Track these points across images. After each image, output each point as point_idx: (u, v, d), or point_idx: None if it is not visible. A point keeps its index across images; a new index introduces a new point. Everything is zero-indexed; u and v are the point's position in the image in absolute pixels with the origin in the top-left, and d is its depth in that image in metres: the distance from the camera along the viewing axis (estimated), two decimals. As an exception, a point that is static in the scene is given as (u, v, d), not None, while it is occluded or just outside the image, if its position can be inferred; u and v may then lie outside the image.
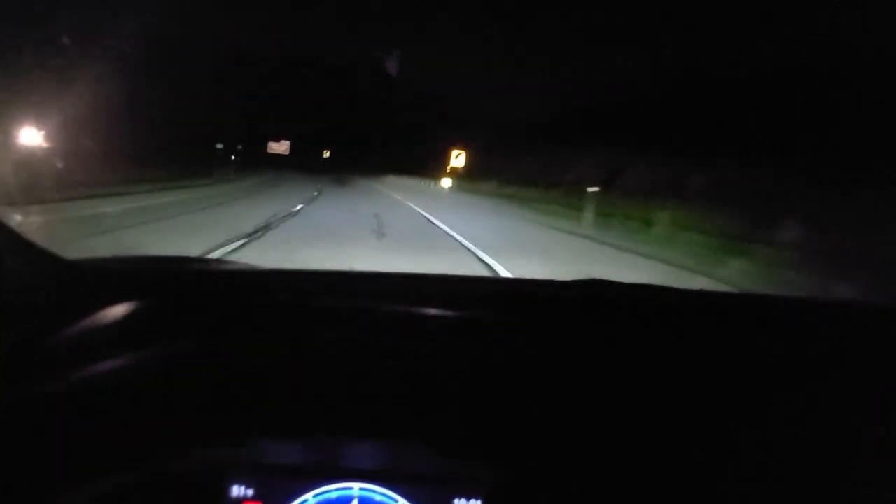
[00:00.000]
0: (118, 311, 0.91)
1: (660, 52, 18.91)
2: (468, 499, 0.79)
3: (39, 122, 10.87)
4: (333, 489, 0.79)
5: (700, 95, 15.41)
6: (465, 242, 8.94)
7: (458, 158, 30.97)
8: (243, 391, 0.80)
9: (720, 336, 1.02)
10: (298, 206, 13.24)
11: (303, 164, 58.45)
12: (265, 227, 8.97)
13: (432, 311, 0.99)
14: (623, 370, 0.89)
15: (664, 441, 0.79)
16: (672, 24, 19.26)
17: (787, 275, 7.36)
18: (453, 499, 0.79)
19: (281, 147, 74.29)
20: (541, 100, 27.16)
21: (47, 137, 10.93)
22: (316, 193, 19.86)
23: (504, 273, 6.62)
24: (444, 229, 10.88)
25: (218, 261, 1.71)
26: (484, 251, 7.86)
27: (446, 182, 30.30)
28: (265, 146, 70.37)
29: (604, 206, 14.09)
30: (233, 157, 30.86)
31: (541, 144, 24.93)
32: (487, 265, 6.99)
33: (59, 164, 10.35)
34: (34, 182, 8.58)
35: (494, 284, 1.72)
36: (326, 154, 79.89)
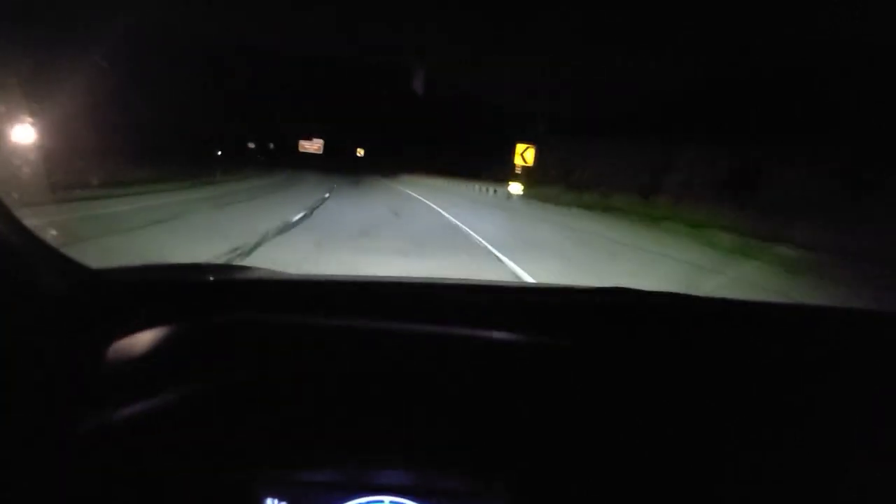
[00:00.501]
0: (150, 337, 0.89)
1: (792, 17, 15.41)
2: None
3: (40, 120, 9.04)
4: (365, 502, 0.83)
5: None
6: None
7: (525, 155, 23.74)
8: (275, 423, 0.83)
9: (734, 343, 1.03)
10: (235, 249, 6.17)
11: (330, 164, 56.56)
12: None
13: (462, 333, 0.99)
14: (642, 383, 0.91)
15: (676, 450, 0.83)
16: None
17: None
18: None
19: (313, 146, 73.38)
20: (612, 88, 23.95)
21: (41, 136, 9.19)
22: (300, 216, 10.55)
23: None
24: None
25: (242, 268, 1.47)
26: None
27: (515, 188, 22.96)
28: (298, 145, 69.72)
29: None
30: (219, 154, 27.41)
31: (618, 140, 21.60)
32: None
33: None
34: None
35: (518, 293, 1.61)
36: (360, 153, 78.02)
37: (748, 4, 16.21)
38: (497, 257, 7.73)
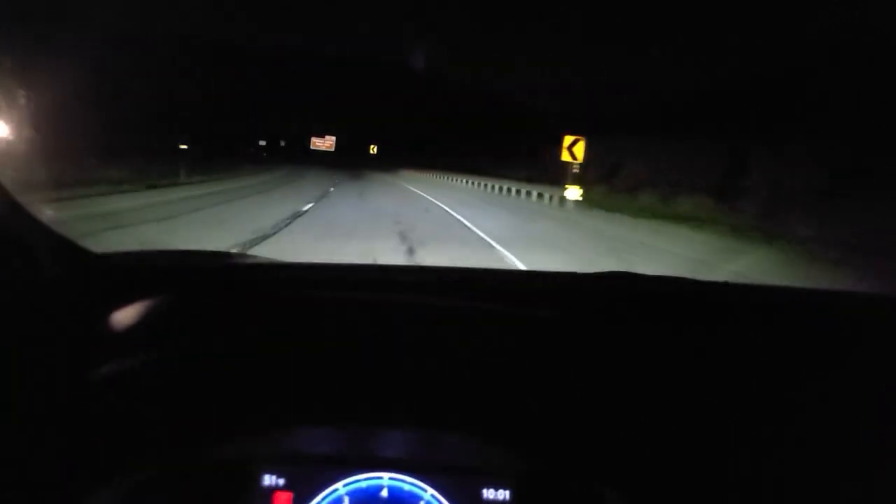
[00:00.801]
0: (148, 305, 0.91)
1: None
2: (497, 489, 0.81)
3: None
4: (363, 479, 0.82)
5: None
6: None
7: (574, 149, 16.94)
8: (277, 383, 0.82)
9: (738, 328, 1.02)
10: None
11: (340, 161, 55.20)
12: None
13: (461, 304, 1.00)
14: (645, 361, 0.91)
15: (677, 433, 0.81)
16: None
17: None
18: (482, 489, 0.81)
19: (325, 143, 71.38)
20: (660, 81, 21.18)
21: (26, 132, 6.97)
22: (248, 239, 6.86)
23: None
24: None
25: (241, 255, 1.47)
26: None
27: (572, 193, 17.02)
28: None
29: None
30: (184, 149, 24.87)
31: (670, 137, 18.69)
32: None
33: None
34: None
35: (522, 277, 1.68)
36: (373, 150, 75.80)
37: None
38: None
